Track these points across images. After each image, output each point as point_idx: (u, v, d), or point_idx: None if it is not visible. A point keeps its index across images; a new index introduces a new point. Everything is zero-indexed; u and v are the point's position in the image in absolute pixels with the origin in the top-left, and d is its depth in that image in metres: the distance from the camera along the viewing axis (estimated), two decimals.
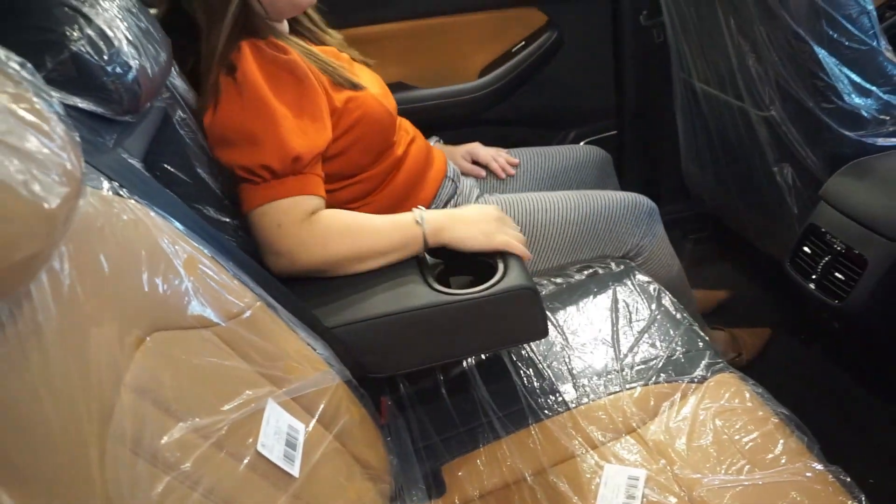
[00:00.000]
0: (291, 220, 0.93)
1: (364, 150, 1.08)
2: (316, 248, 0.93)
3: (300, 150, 0.93)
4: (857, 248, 1.14)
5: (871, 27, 1.14)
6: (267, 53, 0.95)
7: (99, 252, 0.58)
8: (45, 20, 0.66)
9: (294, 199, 0.94)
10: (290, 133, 0.92)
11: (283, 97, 0.94)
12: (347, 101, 1.04)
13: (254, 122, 0.92)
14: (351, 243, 0.95)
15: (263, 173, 0.93)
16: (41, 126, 0.47)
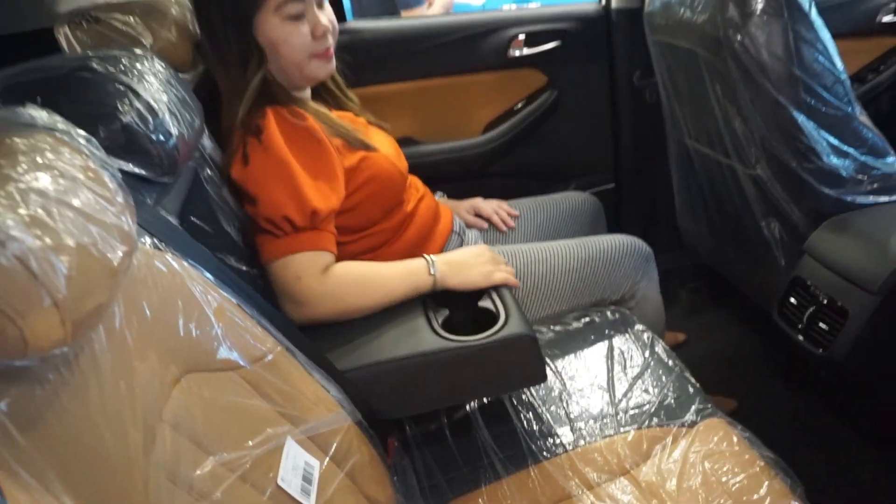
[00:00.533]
0: (311, 274, 1.02)
1: (376, 205, 1.17)
2: (333, 300, 1.02)
3: (318, 206, 1.02)
4: (838, 299, 1.20)
5: (846, 95, 1.23)
6: (288, 119, 1.06)
7: (143, 299, 0.65)
8: (100, 95, 0.75)
9: (312, 254, 1.03)
10: (308, 189, 1.02)
11: (302, 159, 1.04)
12: (360, 161, 1.13)
13: (276, 179, 1.01)
14: (365, 295, 1.04)
15: (284, 225, 1.02)
16: (106, 195, 0.55)
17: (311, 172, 1.04)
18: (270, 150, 1.02)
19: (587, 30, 1.81)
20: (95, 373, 0.53)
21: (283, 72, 1.11)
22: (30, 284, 0.42)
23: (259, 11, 1.05)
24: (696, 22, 1.32)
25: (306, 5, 1.08)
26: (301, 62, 1.10)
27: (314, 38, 1.09)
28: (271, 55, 1.09)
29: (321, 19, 1.10)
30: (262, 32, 1.07)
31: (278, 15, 1.06)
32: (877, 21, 1.89)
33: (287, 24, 1.07)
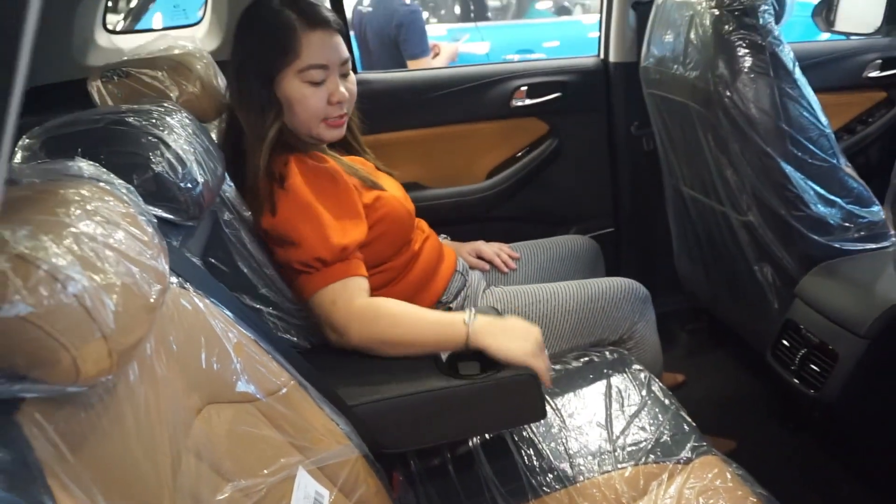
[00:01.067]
0: (345, 298, 1.08)
1: (387, 243, 1.24)
2: (366, 324, 1.07)
3: (345, 242, 1.09)
4: (829, 342, 1.25)
5: (831, 147, 1.30)
6: (310, 164, 1.13)
7: (170, 335, 0.70)
8: (134, 146, 0.81)
9: (345, 281, 1.09)
10: (333, 230, 1.09)
11: (325, 201, 1.11)
12: (375, 200, 1.21)
13: (304, 223, 1.09)
14: (399, 329, 1.07)
15: (317, 264, 1.09)
16: (144, 238, 0.61)
17: (335, 212, 1.11)
18: (295, 196, 1.09)
19: (586, 82, 1.90)
20: (131, 401, 0.58)
21: (293, 125, 1.18)
22: (84, 319, 0.48)
23: (283, 70, 1.13)
24: (689, 77, 1.40)
25: (328, 73, 1.15)
26: (311, 123, 1.17)
27: (329, 104, 1.16)
28: (287, 111, 1.16)
29: (339, 88, 1.16)
30: (282, 89, 1.14)
31: (299, 77, 1.13)
32: (863, 76, 1.98)
33: (306, 87, 1.14)
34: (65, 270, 0.48)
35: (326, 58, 1.14)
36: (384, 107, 1.82)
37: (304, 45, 1.12)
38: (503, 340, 1.05)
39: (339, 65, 1.17)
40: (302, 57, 1.12)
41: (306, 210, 1.09)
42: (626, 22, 1.81)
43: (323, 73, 1.14)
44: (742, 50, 1.27)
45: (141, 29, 2.79)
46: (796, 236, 1.33)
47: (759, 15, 1.28)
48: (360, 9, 2.75)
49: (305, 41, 1.12)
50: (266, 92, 1.14)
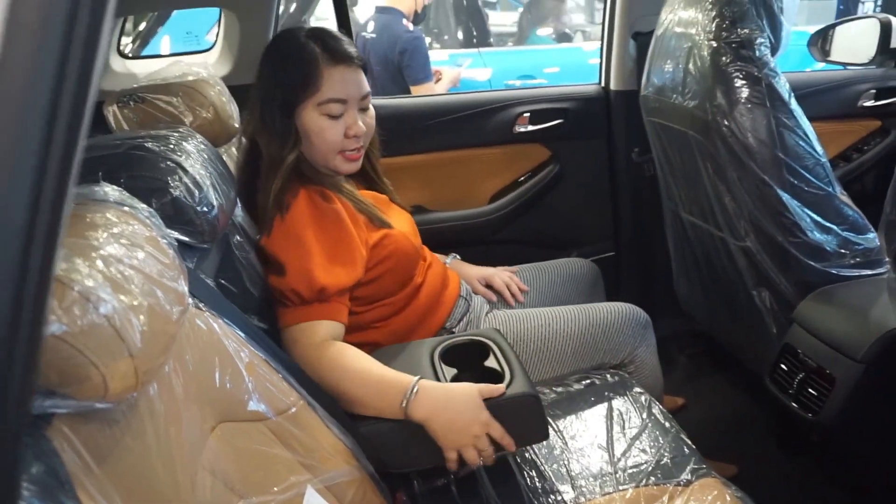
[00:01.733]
0: (306, 342, 1.09)
1: (392, 279, 1.26)
2: (322, 370, 1.05)
3: (325, 284, 1.10)
4: (826, 366, 1.27)
5: (826, 176, 1.33)
6: (317, 201, 1.15)
7: (186, 354, 0.73)
8: (153, 171, 0.84)
9: (314, 324, 1.10)
10: (318, 269, 1.10)
11: (322, 240, 1.12)
12: (382, 238, 1.22)
13: (291, 255, 1.11)
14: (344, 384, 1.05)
15: (293, 297, 1.11)
16: (165, 261, 0.63)
17: (328, 254, 1.12)
18: (291, 228, 1.12)
19: (588, 109, 1.94)
20: (152, 418, 0.61)
21: (310, 157, 1.21)
22: (113, 339, 0.50)
23: (304, 102, 1.16)
24: (687, 107, 1.43)
25: (346, 108, 1.18)
26: (328, 155, 1.19)
27: (346, 137, 1.18)
28: (305, 141, 1.19)
29: (357, 122, 1.18)
30: (301, 120, 1.17)
31: (318, 110, 1.16)
32: (858, 105, 2.02)
33: (324, 120, 1.16)
34: (96, 291, 0.50)
35: (346, 93, 1.17)
36: (389, 132, 1.83)
37: (326, 79, 1.15)
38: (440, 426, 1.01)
39: (358, 99, 1.19)
40: (322, 90, 1.15)
41: (297, 242, 1.11)
42: (627, 51, 1.86)
43: (341, 108, 1.17)
44: (739, 81, 1.31)
45: (152, 54, 2.84)
46: (793, 262, 1.35)
47: (755, 47, 1.32)
48: (363, 35, 2.81)
49: (327, 75, 1.15)
50: (287, 120, 1.17)
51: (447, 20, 3.94)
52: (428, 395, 1.02)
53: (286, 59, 1.18)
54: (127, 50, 3.17)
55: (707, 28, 1.37)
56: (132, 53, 3.12)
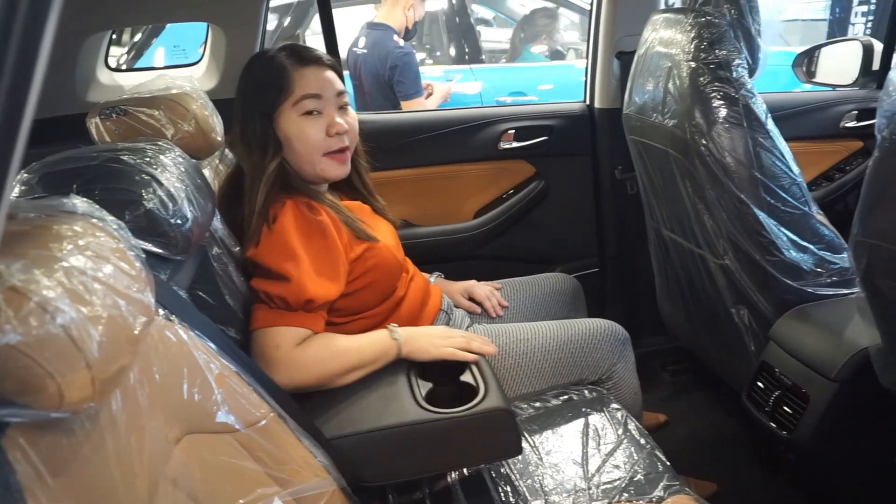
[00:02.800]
0: (288, 345, 1.10)
1: (374, 292, 1.27)
2: (309, 368, 1.09)
3: (313, 295, 1.11)
4: (801, 384, 1.28)
5: (802, 195, 1.34)
6: (304, 213, 1.16)
7: (154, 365, 0.73)
8: (127, 184, 0.85)
9: (297, 330, 1.11)
10: (308, 280, 1.11)
11: (309, 252, 1.13)
12: (365, 251, 1.23)
13: (280, 264, 1.11)
14: (337, 364, 1.12)
15: (279, 302, 1.11)
16: (132, 273, 0.64)
17: (315, 265, 1.13)
18: (280, 239, 1.12)
19: (572, 126, 1.96)
20: (112, 428, 0.61)
21: (297, 166, 1.22)
22: (70, 349, 0.51)
23: (280, 107, 1.18)
24: (667, 126, 1.45)
25: (324, 103, 1.19)
26: (313, 158, 1.20)
27: (328, 135, 1.20)
28: (288, 148, 1.20)
29: (336, 119, 1.20)
30: (280, 125, 1.19)
31: (295, 110, 1.18)
32: (841, 126, 2.05)
33: (302, 120, 1.18)
34: (54, 302, 0.51)
35: (319, 88, 1.19)
36: (375, 147, 1.86)
37: (297, 80, 1.18)
38: (417, 344, 1.17)
39: (334, 96, 1.21)
40: (295, 91, 1.17)
41: (287, 253, 1.12)
42: (611, 70, 1.88)
43: (317, 103, 1.19)
44: (717, 101, 1.33)
45: (142, 67, 2.86)
46: (771, 281, 1.37)
47: (732, 68, 1.34)
48: (354, 50, 2.83)
49: (298, 76, 1.18)
50: (266, 129, 1.18)
51: (440, 37, 3.98)
52: (405, 328, 1.20)
53: (259, 74, 1.21)
54: (122, 61, 3.20)
55: (686, 49, 1.39)
56: (126, 65, 3.14)
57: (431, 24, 3.96)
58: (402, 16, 2.78)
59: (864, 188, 0.94)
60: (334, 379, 1.12)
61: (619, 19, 1.84)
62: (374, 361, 1.15)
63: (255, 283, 1.14)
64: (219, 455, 0.79)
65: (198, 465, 0.75)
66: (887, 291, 0.93)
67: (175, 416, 0.74)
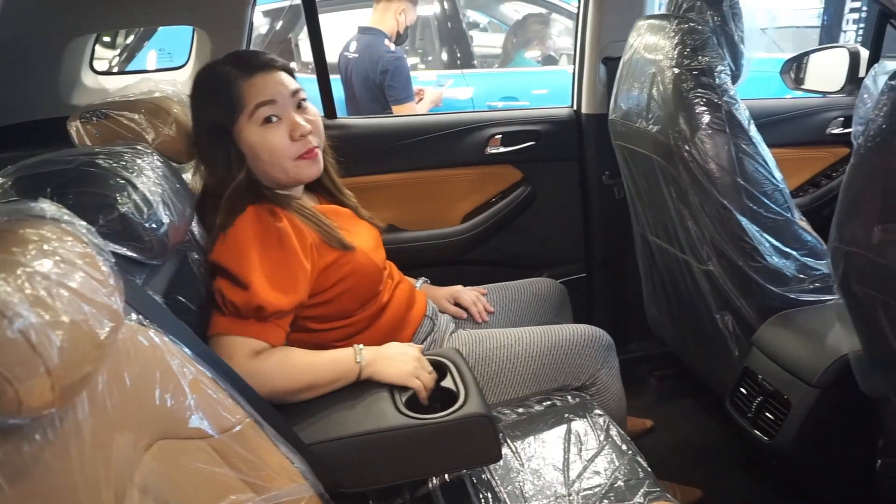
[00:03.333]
0: (242, 356, 1.07)
1: (352, 298, 1.25)
2: (261, 383, 1.04)
3: (263, 303, 1.08)
4: (783, 391, 1.28)
5: (785, 201, 1.35)
6: (263, 219, 1.13)
7: (125, 371, 0.73)
8: (102, 187, 0.85)
9: (249, 340, 1.08)
10: (258, 286, 1.08)
11: (264, 260, 1.10)
12: (339, 258, 1.21)
13: (235, 268, 1.09)
14: (292, 381, 1.08)
15: (230, 307, 1.09)
16: (99, 277, 0.64)
17: (268, 273, 1.10)
18: (234, 243, 1.10)
19: (559, 131, 1.96)
20: (77, 436, 0.60)
21: (268, 174, 1.19)
22: (29, 354, 0.51)
23: (236, 122, 1.15)
24: (651, 131, 1.45)
25: (280, 107, 1.16)
26: (284, 165, 1.18)
27: (293, 140, 1.17)
28: (254, 159, 1.18)
29: (298, 120, 1.17)
30: (241, 139, 1.16)
31: (253, 122, 1.15)
32: (827, 132, 2.05)
33: (263, 130, 1.16)
34: (13, 307, 0.51)
35: (272, 93, 1.15)
36: (363, 151, 1.87)
37: (247, 91, 1.15)
38: (389, 369, 1.14)
39: (290, 97, 1.17)
40: (247, 102, 1.15)
41: (240, 256, 1.09)
42: (597, 75, 1.88)
43: (273, 108, 1.15)
44: (700, 107, 1.33)
45: (130, 70, 2.86)
46: (754, 286, 1.37)
47: (715, 75, 1.34)
48: (346, 54, 2.83)
49: (248, 87, 1.15)
50: (226, 146, 1.16)
51: (432, 41, 3.98)
52: (372, 349, 1.17)
53: (208, 91, 1.18)
54: (114, 63, 3.20)
55: (670, 55, 1.39)
56: (118, 67, 3.14)
57: (424, 28, 3.96)
58: (394, 20, 2.78)
59: (840, 195, 0.94)
60: (288, 396, 1.09)
61: (606, 25, 1.84)
62: (333, 382, 1.12)
63: (215, 283, 1.11)
64: (191, 461, 0.79)
65: (169, 472, 0.74)
66: (864, 298, 0.93)
67: (146, 422, 0.74)
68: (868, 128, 0.87)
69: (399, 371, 1.13)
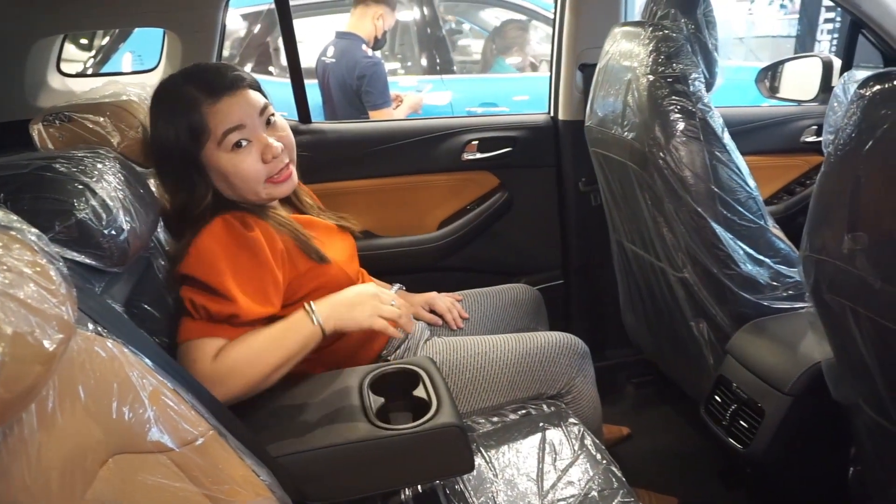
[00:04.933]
0: (205, 358, 1.03)
1: None
2: (232, 380, 1.02)
3: (237, 310, 1.05)
4: (757, 398, 1.28)
5: (758, 209, 1.35)
6: (234, 228, 1.10)
7: (78, 383, 0.70)
8: (59, 192, 0.82)
9: (210, 340, 1.04)
10: (233, 294, 1.05)
11: (235, 269, 1.07)
12: (312, 268, 1.19)
13: (205, 276, 1.06)
14: (260, 366, 1.04)
15: (201, 311, 1.05)
16: (49, 287, 0.61)
17: (240, 283, 1.07)
18: (205, 254, 1.06)
19: (536, 138, 1.96)
20: (23, 452, 0.57)
21: (238, 196, 1.15)
22: None
23: (202, 150, 1.10)
24: (627, 138, 1.45)
25: (250, 130, 1.11)
26: (256, 188, 1.14)
27: (265, 162, 1.13)
28: (223, 183, 1.13)
29: (269, 142, 1.12)
30: (210, 165, 1.12)
31: (222, 148, 1.10)
32: (801, 140, 2.07)
33: (233, 156, 1.11)
34: None
35: (239, 118, 1.10)
36: (338, 156, 1.85)
37: (212, 117, 1.09)
38: (347, 317, 1.10)
39: (257, 117, 1.13)
40: (214, 129, 1.09)
41: (212, 267, 1.06)
42: (574, 82, 1.88)
43: (242, 133, 1.11)
44: (675, 115, 1.33)
45: (103, 73, 2.81)
46: (728, 294, 1.37)
47: (690, 82, 1.34)
48: (323, 59, 2.81)
49: (212, 113, 1.09)
50: (190, 174, 1.12)
51: (412, 47, 3.97)
52: (328, 302, 1.10)
53: (170, 113, 1.11)
54: (87, 65, 3.14)
55: (644, 62, 1.39)
56: (93, 70, 3.09)
57: (403, 34, 3.95)
58: (371, 25, 2.77)
59: (811, 203, 0.94)
60: (262, 382, 1.05)
61: (582, 31, 1.84)
62: (301, 351, 1.07)
63: (183, 291, 1.08)
64: (150, 476, 0.76)
65: (125, 488, 0.71)
66: (835, 306, 0.93)
67: (101, 437, 0.71)
68: (838, 136, 0.87)
69: (358, 316, 1.09)
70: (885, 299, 0.82)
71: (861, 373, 0.94)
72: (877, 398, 0.94)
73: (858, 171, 0.84)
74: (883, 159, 0.81)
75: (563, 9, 1.87)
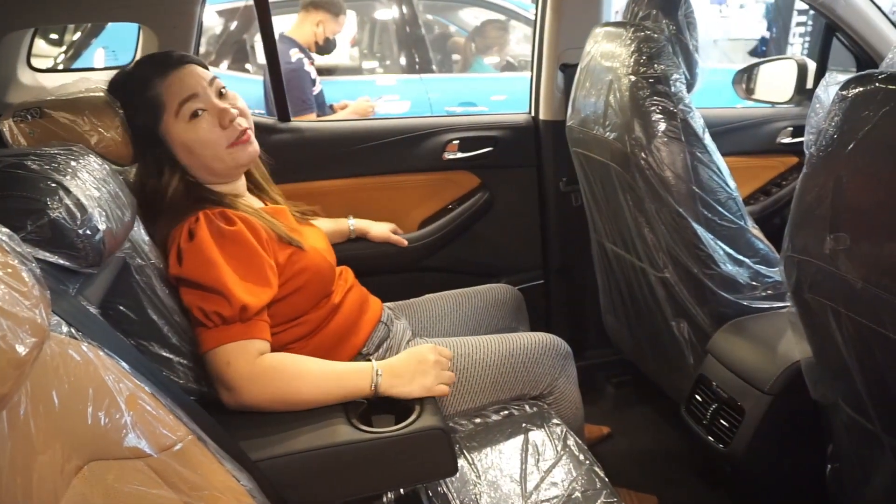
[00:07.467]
0: (240, 360, 1.05)
1: (305, 297, 1.22)
2: (261, 386, 1.04)
3: (247, 302, 1.06)
4: (737, 398, 1.29)
5: (738, 209, 1.36)
6: (219, 225, 1.11)
7: (52, 388, 0.67)
8: (30, 191, 0.79)
9: (243, 343, 1.06)
10: (236, 289, 1.06)
11: (232, 262, 1.09)
12: (291, 255, 1.19)
13: (207, 277, 1.06)
14: (294, 387, 1.06)
15: (215, 318, 1.06)
16: (21, 289, 0.59)
17: (240, 274, 1.09)
18: (200, 253, 1.07)
19: (517, 138, 1.95)
20: None
21: (207, 168, 1.18)
22: None
23: (161, 121, 1.14)
24: (608, 139, 1.45)
25: (204, 99, 1.15)
26: (220, 154, 1.17)
27: (223, 127, 1.16)
28: (189, 157, 1.16)
29: (224, 108, 1.16)
30: (172, 139, 1.15)
31: (180, 119, 1.14)
32: (777, 141, 2.10)
33: (192, 125, 1.15)
34: None
35: (191, 88, 1.15)
36: (317, 155, 1.83)
37: (165, 90, 1.14)
38: (406, 389, 1.10)
39: (207, 88, 1.17)
40: (168, 101, 1.14)
41: (210, 265, 1.07)
42: (555, 82, 1.88)
43: (197, 102, 1.15)
44: (656, 115, 1.34)
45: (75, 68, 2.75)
46: (708, 294, 1.38)
47: (671, 83, 1.35)
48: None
49: (165, 86, 1.14)
50: (154, 150, 1.15)
51: (390, 46, 3.95)
52: (392, 370, 1.12)
53: (126, 94, 1.14)
54: (58, 60, 3.07)
55: (626, 62, 1.39)
56: (64, 65, 3.02)
57: (382, 33, 3.93)
58: (311, 31, 2.80)
59: (793, 204, 0.95)
60: (290, 399, 1.06)
61: (563, 31, 1.84)
62: (340, 398, 1.09)
63: (187, 300, 1.09)
64: (127, 483, 0.74)
65: (101, 496, 0.69)
66: (815, 306, 0.93)
67: (76, 444, 0.68)
68: (819, 137, 0.88)
69: (417, 388, 1.11)
70: (866, 299, 0.83)
71: (840, 372, 0.95)
72: (856, 397, 0.95)
73: (840, 171, 0.85)
74: (864, 160, 0.82)
75: (545, 9, 1.87)
